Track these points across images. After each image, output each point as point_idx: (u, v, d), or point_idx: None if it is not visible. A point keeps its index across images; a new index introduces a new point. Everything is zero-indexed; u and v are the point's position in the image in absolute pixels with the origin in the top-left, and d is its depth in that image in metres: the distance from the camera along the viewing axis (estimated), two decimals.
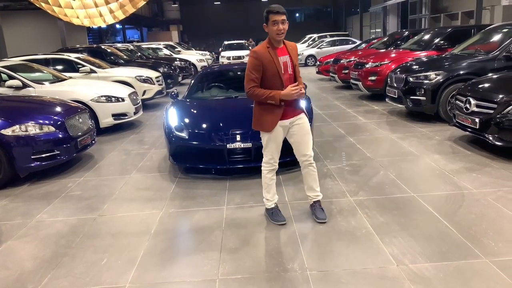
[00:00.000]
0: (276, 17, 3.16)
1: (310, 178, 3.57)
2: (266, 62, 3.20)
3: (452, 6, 18.35)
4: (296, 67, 3.33)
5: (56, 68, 9.25)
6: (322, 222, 3.48)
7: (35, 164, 4.86)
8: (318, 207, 3.60)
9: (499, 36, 7.09)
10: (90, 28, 24.88)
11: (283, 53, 3.28)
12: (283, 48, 3.30)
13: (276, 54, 3.24)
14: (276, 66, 3.21)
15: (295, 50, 3.36)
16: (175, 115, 5.11)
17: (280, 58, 3.25)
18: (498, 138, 4.77)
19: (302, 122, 3.42)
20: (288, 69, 3.28)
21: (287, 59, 3.28)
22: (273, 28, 3.17)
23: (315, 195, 3.62)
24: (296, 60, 3.35)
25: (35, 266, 3.05)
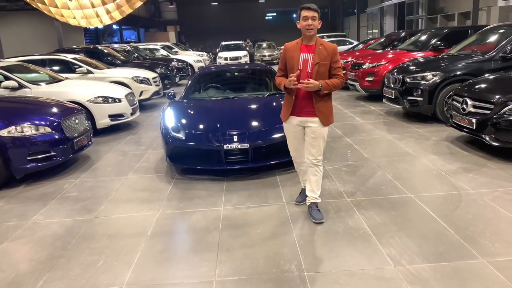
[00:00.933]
0: (306, 13, 3.30)
1: (312, 178, 3.57)
2: (289, 55, 3.42)
3: (449, 7, 18.41)
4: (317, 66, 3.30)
5: (52, 69, 9.20)
6: (318, 222, 3.48)
7: (31, 165, 4.83)
8: (315, 208, 3.60)
9: (496, 37, 7.11)
10: (87, 29, 24.81)
11: (309, 51, 3.35)
12: (311, 46, 3.36)
13: (300, 50, 3.37)
14: (294, 61, 3.36)
15: (327, 51, 3.35)
16: (172, 116, 5.10)
17: (303, 54, 3.35)
18: (495, 139, 4.78)
19: (315, 125, 3.43)
20: (308, 67, 3.33)
21: (310, 57, 3.33)
22: (303, 23, 3.31)
23: (314, 197, 3.61)
24: (325, 60, 3.33)
25: (30, 268, 3.03)
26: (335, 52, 3.40)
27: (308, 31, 3.30)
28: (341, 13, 38.24)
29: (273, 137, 4.71)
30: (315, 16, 3.30)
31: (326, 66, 3.36)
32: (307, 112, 3.42)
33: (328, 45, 3.41)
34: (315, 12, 3.30)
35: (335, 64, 3.38)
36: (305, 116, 3.44)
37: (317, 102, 3.38)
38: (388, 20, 25.09)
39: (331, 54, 3.36)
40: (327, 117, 3.44)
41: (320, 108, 3.40)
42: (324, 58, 3.33)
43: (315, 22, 3.30)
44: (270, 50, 25.74)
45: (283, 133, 4.71)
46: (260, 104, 5.51)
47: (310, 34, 3.33)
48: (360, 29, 30.55)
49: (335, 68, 3.39)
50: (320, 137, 3.45)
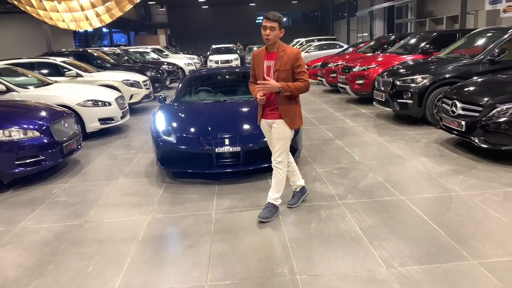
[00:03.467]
0: (265, 23, 3.38)
1: (273, 179, 3.67)
2: (256, 63, 3.56)
3: (437, 11, 18.63)
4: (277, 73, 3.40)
5: (41, 72, 9.10)
6: (261, 220, 3.60)
7: (19, 170, 4.76)
8: (268, 207, 3.69)
9: (483, 40, 7.20)
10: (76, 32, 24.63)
11: (271, 58, 3.46)
12: (274, 53, 3.45)
13: (263, 57, 3.49)
14: (259, 68, 3.49)
15: (288, 57, 3.40)
16: (162, 119, 5.07)
17: (266, 62, 3.48)
18: (484, 141, 4.83)
19: (277, 127, 3.52)
20: (270, 74, 3.44)
21: (271, 64, 3.44)
22: (263, 32, 3.41)
23: (270, 197, 3.69)
24: (286, 66, 3.40)
25: (18, 274, 2.98)
26: (297, 57, 3.43)
27: (266, 40, 3.41)
28: (331, 16, 38.54)
29: (265, 140, 4.67)
30: (274, 26, 3.34)
31: (288, 71, 3.41)
32: (272, 115, 3.53)
33: (290, 50, 3.44)
34: (274, 22, 3.34)
35: (297, 68, 3.42)
36: (271, 118, 3.56)
37: (281, 104, 3.46)
38: (378, 23, 25.31)
39: (292, 59, 3.39)
40: (292, 120, 3.50)
41: (285, 111, 3.48)
42: (285, 64, 3.39)
43: (273, 32, 3.35)
44: None
45: None
46: (252, 107, 5.49)
47: (268, 44, 3.43)
48: (350, 32, 30.83)
49: (297, 72, 3.43)
50: (280, 139, 3.51)
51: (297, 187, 3.97)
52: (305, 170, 4.98)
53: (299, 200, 3.94)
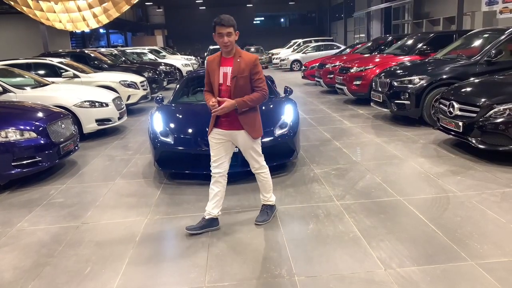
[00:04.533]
0: (221, 30, 3.16)
1: (260, 183, 3.64)
2: (211, 69, 3.35)
3: (434, 12, 18.70)
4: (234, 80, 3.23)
5: (38, 73, 9.08)
6: (258, 223, 3.57)
7: (16, 171, 4.73)
8: (263, 209, 3.68)
9: (480, 41, 7.23)
10: (73, 33, 24.55)
11: (228, 64, 3.27)
12: (230, 59, 3.28)
13: (219, 64, 3.30)
14: (215, 75, 3.31)
15: (246, 63, 3.24)
16: (160, 120, 5.05)
17: (222, 68, 3.29)
18: (481, 141, 4.84)
19: (240, 139, 3.39)
20: (227, 81, 3.26)
21: (228, 70, 3.25)
22: (219, 40, 3.20)
23: (263, 199, 3.69)
24: (244, 73, 3.23)
25: (15, 276, 2.96)
26: (255, 64, 3.26)
27: (225, 48, 3.22)
28: (328, 17, 38.62)
29: (263, 141, 4.67)
30: (230, 31, 3.16)
31: (246, 78, 3.25)
32: (230, 125, 3.35)
33: (247, 56, 3.29)
34: (230, 27, 3.16)
35: (255, 76, 3.26)
36: (227, 129, 3.38)
37: (242, 116, 3.31)
38: (375, 24, 25.37)
39: (249, 66, 3.24)
40: (252, 129, 3.36)
41: (244, 120, 3.32)
42: (242, 70, 3.23)
43: (231, 38, 3.18)
44: (258, 54, 25.82)
45: (272, 137, 4.74)
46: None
47: (227, 50, 3.25)
48: (347, 33, 30.88)
49: (255, 80, 3.27)
50: (249, 147, 3.42)
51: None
52: (303, 171, 4.98)
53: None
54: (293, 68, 21.57)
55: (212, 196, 3.52)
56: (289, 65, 21.84)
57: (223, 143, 3.45)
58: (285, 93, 5.73)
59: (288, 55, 22.95)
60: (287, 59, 22.30)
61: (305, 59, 19.48)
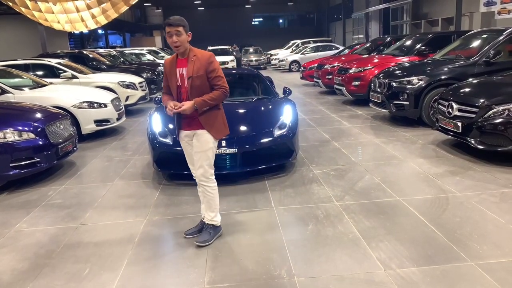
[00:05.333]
0: (169, 29, 3.08)
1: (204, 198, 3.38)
2: (168, 72, 3.26)
3: (432, 13, 18.73)
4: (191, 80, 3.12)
5: (36, 73, 9.05)
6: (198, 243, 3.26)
7: (14, 172, 4.72)
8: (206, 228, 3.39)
9: (479, 42, 7.24)
10: (71, 33, 24.52)
11: (183, 65, 3.17)
12: (185, 59, 3.17)
13: (175, 65, 3.20)
14: (172, 77, 3.22)
15: (200, 62, 3.14)
16: (159, 120, 5.04)
17: (178, 69, 3.18)
18: (480, 142, 4.84)
19: (198, 138, 3.24)
20: (185, 82, 3.16)
21: (184, 71, 3.16)
22: (169, 40, 3.11)
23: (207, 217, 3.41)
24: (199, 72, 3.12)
25: (13, 278, 2.94)
26: (210, 61, 3.15)
27: (176, 48, 3.11)
28: (327, 18, 38.66)
29: (262, 142, 4.69)
30: (179, 30, 3.05)
31: (201, 77, 3.13)
32: (192, 126, 3.24)
33: (201, 54, 3.17)
34: (178, 27, 3.05)
35: (211, 74, 3.15)
36: (190, 129, 3.26)
37: (202, 116, 3.19)
38: (373, 25, 25.41)
39: (204, 65, 3.12)
40: (216, 129, 3.25)
41: (206, 119, 3.21)
42: (197, 70, 3.12)
43: (181, 37, 3.06)
44: (257, 55, 25.83)
45: (271, 138, 4.74)
46: (248, 108, 5.49)
47: (179, 51, 3.14)
48: (346, 34, 30.91)
49: (212, 78, 3.16)
50: (199, 152, 3.23)
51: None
52: (302, 172, 4.97)
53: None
54: (292, 69, 21.58)
55: (202, 198, 3.45)
56: (288, 66, 21.85)
57: (187, 146, 3.38)
58: (284, 94, 5.73)
59: (286, 56, 22.96)
60: (285, 60, 22.31)
61: (304, 60, 19.49)
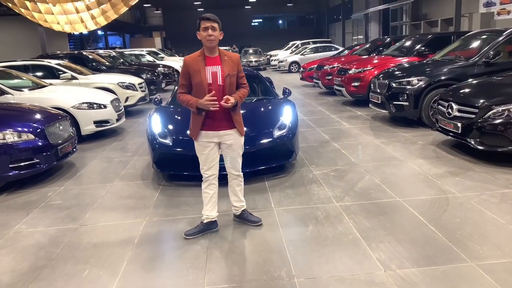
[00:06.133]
0: (207, 23, 3.13)
1: (237, 188, 3.58)
2: (193, 70, 3.20)
3: (432, 14, 18.73)
4: (228, 78, 3.21)
5: (36, 74, 9.05)
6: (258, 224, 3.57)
7: (13, 173, 4.71)
8: (248, 213, 3.67)
9: (478, 42, 7.24)
10: (71, 34, 24.54)
11: (215, 63, 3.21)
12: (216, 58, 3.23)
13: (205, 63, 3.19)
14: (201, 75, 3.17)
15: (233, 61, 3.27)
16: (158, 121, 5.04)
17: (209, 67, 3.19)
18: (480, 143, 4.84)
19: (230, 138, 3.33)
20: (218, 80, 3.19)
21: (218, 69, 3.19)
22: (204, 34, 3.14)
23: (241, 205, 3.65)
24: (233, 71, 3.25)
25: (12, 279, 2.94)
26: (239, 62, 3.35)
27: (210, 42, 3.15)
28: (326, 19, 38.67)
29: (261, 143, 4.69)
30: (215, 26, 3.14)
31: (234, 76, 3.27)
32: (222, 125, 3.28)
33: (231, 55, 3.33)
34: (215, 22, 3.15)
35: (240, 73, 3.33)
36: (217, 130, 3.29)
37: (235, 114, 3.30)
38: (373, 26, 25.41)
39: (236, 64, 3.28)
40: (242, 127, 3.38)
41: (238, 119, 3.33)
42: (231, 68, 3.23)
43: (216, 33, 3.14)
44: (256, 55, 25.84)
45: (271, 139, 4.74)
46: (248, 109, 5.47)
47: (212, 46, 3.18)
48: (346, 35, 30.90)
49: (241, 77, 3.34)
50: (238, 149, 3.40)
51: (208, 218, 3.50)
52: (302, 172, 4.97)
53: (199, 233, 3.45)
54: (292, 70, 21.59)
55: (208, 199, 3.47)
56: (288, 67, 21.85)
57: (212, 145, 3.34)
58: (284, 95, 5.73)
59: (286, 56, 22.97)
60: (285, 61, 22.32)
61: (304, 61, 19.50)
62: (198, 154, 3.39)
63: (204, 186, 3.46)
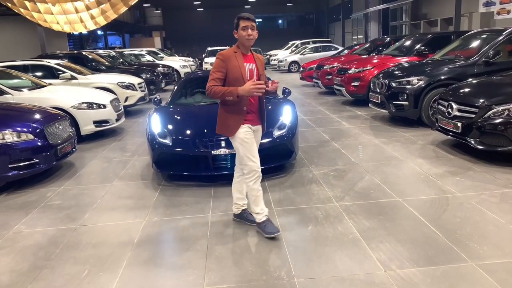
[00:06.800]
0: (246, 23, 3.22)
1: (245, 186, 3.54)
2: (231, 65, 3.22)
3: (432, 13, 18.73)
4: (262, 77, 3.35)
5: (35, 74, 9.04)
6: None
7: (13, 173, 4.70)
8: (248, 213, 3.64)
9: (478, 42, 7.24)
10: (70, 34, 24.53)
11: (250, 61, 3.32)
12: (250, 56, 3.34)
13: (243, 60, 3.28)
14: (241, 71, 3.22)
15: (261, 61, 3.43)
16: (158, 121, 5.03)
17: (246, 64, 3.28)
18: (480, 142, 4.84)
19: (259, 133, 3.48)
20: (254, 77, 3.28)
21: (253, 67, 3.31)
22: (243, 33, 3.22)
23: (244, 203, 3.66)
24: (263, 71, 3.40)
25: (11, 280, 2.93)
26: (264, 62, 3.49)
27: (249, 41, 3.23)
28: (326, 19, 38.65)
29: (261, 143, 4.65)
30: (254, 25, 3.25)
31: (264, 76, 3.40)
32: (254, 119, 3.38)
33: (259, 56, 3.46)
34: (254, 22, 3.26)
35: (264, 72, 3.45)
36: (254, 123, 3.37)
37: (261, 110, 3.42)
38: (373, 26, 25.40)
39: (263, 64, 3.43)
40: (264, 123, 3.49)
41: (263, 114, 3.45)
42: (262, 68, 3.39)
43: (254, 32, 3.24)
44: None
45: (271, 138, 4.73)
46: None
47: (250, 44, 3.28)
48: (345, 34, 30.90)
49: (264, 77, 3.43)
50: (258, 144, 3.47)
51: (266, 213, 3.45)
52: (302, 172, 4.96)
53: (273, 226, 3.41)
54: (291, 70, 21.59)
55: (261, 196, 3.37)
56: (287, 67, 21.85)
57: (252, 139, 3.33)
58: (284, 94, 5.72)
59: (286, 56, 22.96)
60: (285, 61, 22.32)
61: (303, 61, 19.49)
62: (242, 146, 3.27)
63: (257, 182, 3.31)
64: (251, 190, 3.36)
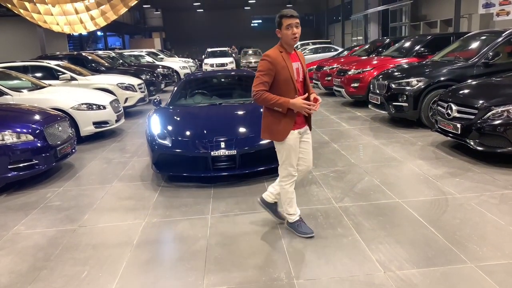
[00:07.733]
0: (290, 21, 3.08)
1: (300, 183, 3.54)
2: (280, 66, 3.08)
3: (431, 15, 18.75)
4: (306, 75, 3.25)
5: (35, 75, 9.04)
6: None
7: (12, 174, 4.70)
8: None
9: (477, 43, 7.24)
10: (70, 35, 24.53)
11: (295, 59, 3.20)
12: (294, 54, 3.22)
13: (289, 59, 3.14)
14: (290, 71, 3.09)
15: (303, 58, 3.31)
16: (158, 122, 5.03)
17: (293, 64, 3.15)
18: (479, 143, 4.84)
19: (309, 136, 3.34)
20: (300, 76, 3.20)
21: (299, 65, 3.20)
22: (288, 32, 3.08)
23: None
24: (306, 68, 3.30)
25: (11, 281, 2.93)
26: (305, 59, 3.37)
27: (294, 40, 3.10)
28: (325, 20, 38.67)
29: (261, 143, 4.68)
30: (298, 23, 3.10)
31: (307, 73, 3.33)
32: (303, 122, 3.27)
33: (299, 52, 3.35)
34: (297, 19, 3.11)
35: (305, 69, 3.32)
36: (301, 127, 3.25)
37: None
38: (372, 27, 25.42)
39: (304, 61, 3.31)
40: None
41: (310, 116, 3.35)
42: (305, 65, 3.30)
43: (299, 30, 3.11)
44: (256, 56, 25.79)
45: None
46: (247, 110, 5.48)
47: (295, 43, 3.16)
48: (345, 36, 30.90)
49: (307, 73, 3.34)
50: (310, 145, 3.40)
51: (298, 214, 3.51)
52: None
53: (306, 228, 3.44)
54: None
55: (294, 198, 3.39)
56: None
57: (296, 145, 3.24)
58: None
59: None
60: None
61: None
62: (287, 152, 3.20)
63: (288, 186, 3.29)
64: (286, 193, 3.34)
